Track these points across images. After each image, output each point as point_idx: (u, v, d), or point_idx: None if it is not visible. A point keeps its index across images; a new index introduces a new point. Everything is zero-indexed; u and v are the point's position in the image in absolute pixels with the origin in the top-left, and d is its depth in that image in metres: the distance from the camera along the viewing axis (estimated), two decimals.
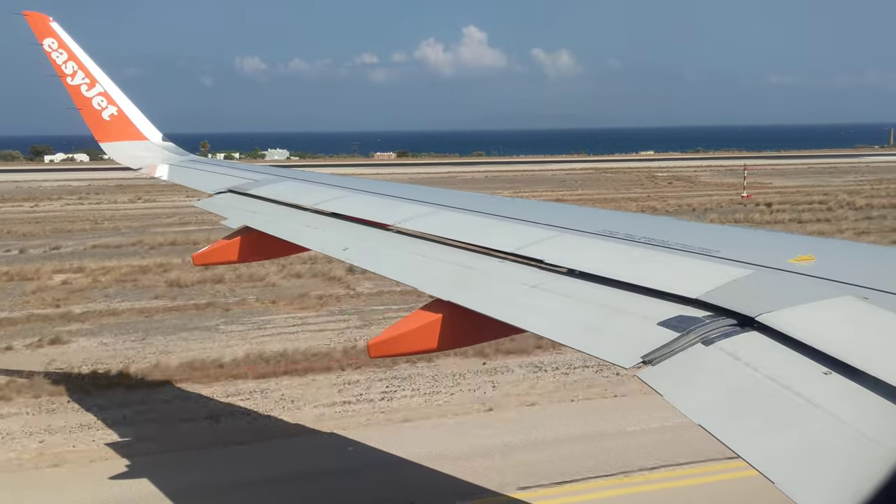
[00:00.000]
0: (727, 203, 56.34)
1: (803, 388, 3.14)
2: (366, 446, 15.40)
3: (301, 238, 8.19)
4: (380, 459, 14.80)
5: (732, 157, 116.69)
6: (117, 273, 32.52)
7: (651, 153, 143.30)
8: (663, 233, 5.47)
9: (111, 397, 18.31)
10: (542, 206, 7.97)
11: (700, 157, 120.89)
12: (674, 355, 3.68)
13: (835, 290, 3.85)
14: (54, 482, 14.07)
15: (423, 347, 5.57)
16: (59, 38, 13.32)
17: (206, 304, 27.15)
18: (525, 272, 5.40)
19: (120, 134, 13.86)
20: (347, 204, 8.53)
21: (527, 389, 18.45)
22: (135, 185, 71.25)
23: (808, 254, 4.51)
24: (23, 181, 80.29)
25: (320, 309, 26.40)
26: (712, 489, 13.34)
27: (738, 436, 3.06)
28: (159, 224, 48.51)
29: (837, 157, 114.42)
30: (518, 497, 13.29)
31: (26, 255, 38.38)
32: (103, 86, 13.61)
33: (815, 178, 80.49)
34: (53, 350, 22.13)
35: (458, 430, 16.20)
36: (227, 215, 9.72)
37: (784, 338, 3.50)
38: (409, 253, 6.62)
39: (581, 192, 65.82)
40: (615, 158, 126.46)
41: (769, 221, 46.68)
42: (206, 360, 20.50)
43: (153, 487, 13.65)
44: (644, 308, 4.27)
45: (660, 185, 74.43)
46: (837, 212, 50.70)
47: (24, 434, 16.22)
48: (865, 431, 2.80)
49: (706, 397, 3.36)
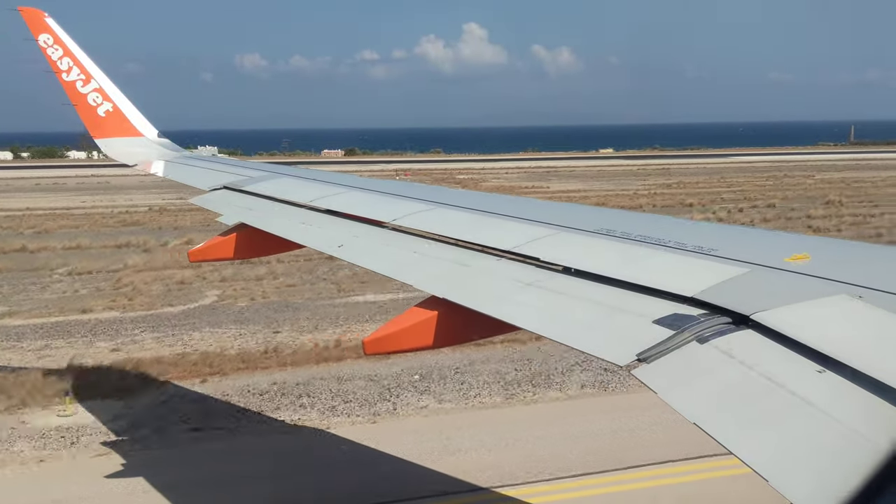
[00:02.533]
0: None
1: (797, 387, 3.14)
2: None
3: (296, 235, 8.17)
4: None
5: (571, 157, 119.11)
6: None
7: (610, 150, 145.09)
8: (659, 231, 5.47)
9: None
10: (539, 204, 7.95)
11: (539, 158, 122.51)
12: (669, 353, 3.68)
13: (830, 288, 3.85)
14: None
15: (418, 345, 5.57)
16: (54, 33, 13.27)
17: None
18: (521, 270, 5.39)
19: (115, 130, 13.81)
20: (343, 201, 8.51)
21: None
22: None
23: (804, 253, 4.51)
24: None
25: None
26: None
27: (731, 433, 3.06)
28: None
29: (732, 157, 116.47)
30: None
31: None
32: (98, 82, 13.56)
33: (619, 180, 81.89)
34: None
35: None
36: (223, 212, 9.69)
37: (779, 336, 3.50)
38: (404, 250, 6.61)
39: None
40: (564, 157, 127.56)
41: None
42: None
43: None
44: (639, 306, 4.27)
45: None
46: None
47: None
48: (859, 429, 2.80)
49: (700, 395, 3.36)
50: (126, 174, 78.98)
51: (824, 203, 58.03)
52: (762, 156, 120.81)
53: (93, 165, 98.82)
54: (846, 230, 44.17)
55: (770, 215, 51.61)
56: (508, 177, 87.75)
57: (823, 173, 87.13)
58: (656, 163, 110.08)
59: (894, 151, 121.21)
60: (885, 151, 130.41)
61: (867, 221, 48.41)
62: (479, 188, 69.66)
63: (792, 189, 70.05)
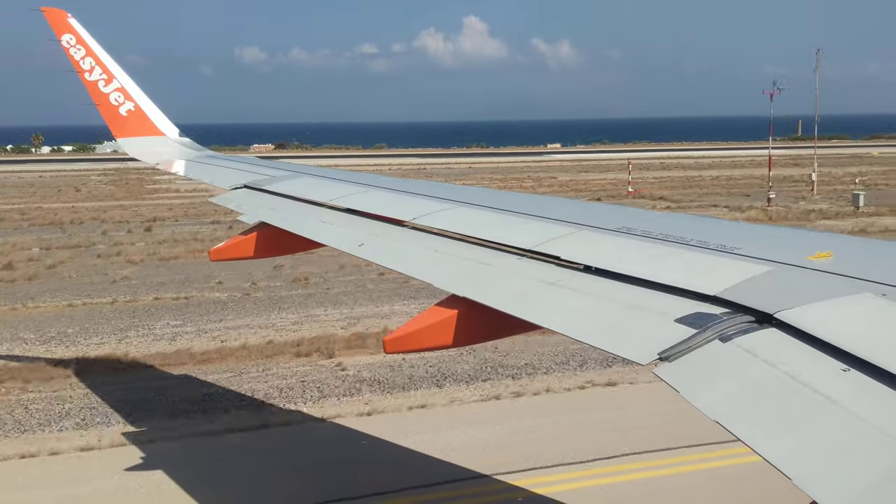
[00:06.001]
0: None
1: (821, 385, 3.14)
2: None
3: (316, 234, 8.22)
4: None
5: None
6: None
7: (558, 146, 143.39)
8: (680, 229, 5.46)
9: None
10: (560, 202, 7.95)
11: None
12: (691, 352, 3.68)
13: (853, 287, 3.83)
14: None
15: (439, 343, 5.58)
16: (77, 33, 13.40)
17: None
18: (542, 269, 5.40)
19: (137, 129, 13.94)
20: (363, 200, 8.55)
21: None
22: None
23: (827, 251, 4.49)
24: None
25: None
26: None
27: (755, 432, 3.06)
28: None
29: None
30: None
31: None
32: (121, 81, 13.69)
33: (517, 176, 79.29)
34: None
35: None
36: (244, 211, 9.78)
37: (802, 335, 3.49)
38: (424, 249, 6.63)
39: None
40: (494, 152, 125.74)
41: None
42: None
43: None
44: (661, 305, 4.26)
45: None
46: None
47: None
48: (885, 429, 2.79)
49: (723, 394, 3.36)
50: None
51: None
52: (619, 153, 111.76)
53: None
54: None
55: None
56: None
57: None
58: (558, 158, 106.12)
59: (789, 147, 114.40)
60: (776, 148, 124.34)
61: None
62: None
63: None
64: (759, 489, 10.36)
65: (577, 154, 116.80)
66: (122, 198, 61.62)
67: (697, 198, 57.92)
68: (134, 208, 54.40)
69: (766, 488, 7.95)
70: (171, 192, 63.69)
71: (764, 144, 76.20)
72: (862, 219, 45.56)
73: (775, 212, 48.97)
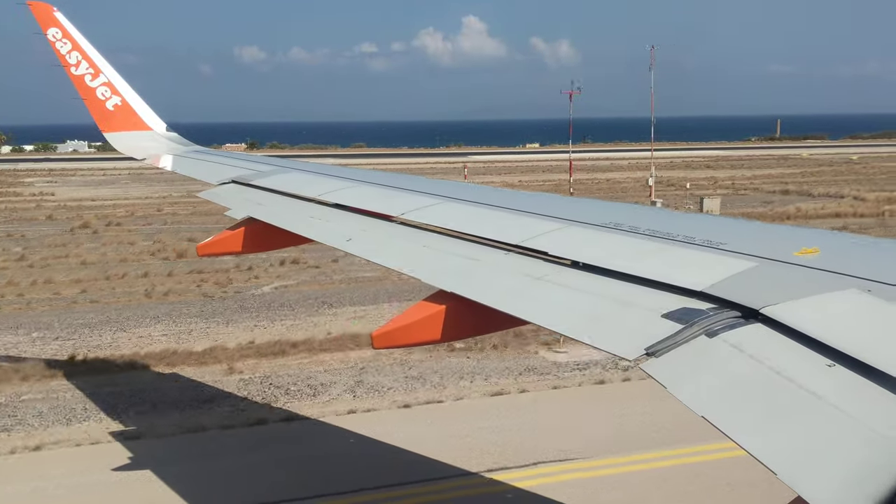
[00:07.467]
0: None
1: (807, 381, 3.14)
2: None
3: (304, 229, 8.17)
4: None
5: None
6: None
7: (536, 145, 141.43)
8: (668, 225, 5.46)
9: None
10: (548, 198, 7.93)
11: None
12: (677, 347, 3.68)
13: (839, 282, 3.84)
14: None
15: (427, 338, 5.58)
16: (62, 27, 13.28)
17: None
18: (530, 264, 5.39)
19: (124, 124, 13.83)
20: (352, 195, 8.52)
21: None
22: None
23: (814, 247, 4.49)
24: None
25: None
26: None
27: (740, 427, 3.06)
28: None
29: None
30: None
31: None
32: (107, 76, 13.58)
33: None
34: None
35: None
36: (231, 206, 9.71)
37: (788, 330, 3.49)
38: (412, 244, 6.61)
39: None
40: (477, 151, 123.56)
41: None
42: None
43: None
44: (648, 300, 4.26)
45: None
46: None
47: None
48: (870, 424, 2.80)
49: (709, 389, 3.36)
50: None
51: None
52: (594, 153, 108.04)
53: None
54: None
55: None
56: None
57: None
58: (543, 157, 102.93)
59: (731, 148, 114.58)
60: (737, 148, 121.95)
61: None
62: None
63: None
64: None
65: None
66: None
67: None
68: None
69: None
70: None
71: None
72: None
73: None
